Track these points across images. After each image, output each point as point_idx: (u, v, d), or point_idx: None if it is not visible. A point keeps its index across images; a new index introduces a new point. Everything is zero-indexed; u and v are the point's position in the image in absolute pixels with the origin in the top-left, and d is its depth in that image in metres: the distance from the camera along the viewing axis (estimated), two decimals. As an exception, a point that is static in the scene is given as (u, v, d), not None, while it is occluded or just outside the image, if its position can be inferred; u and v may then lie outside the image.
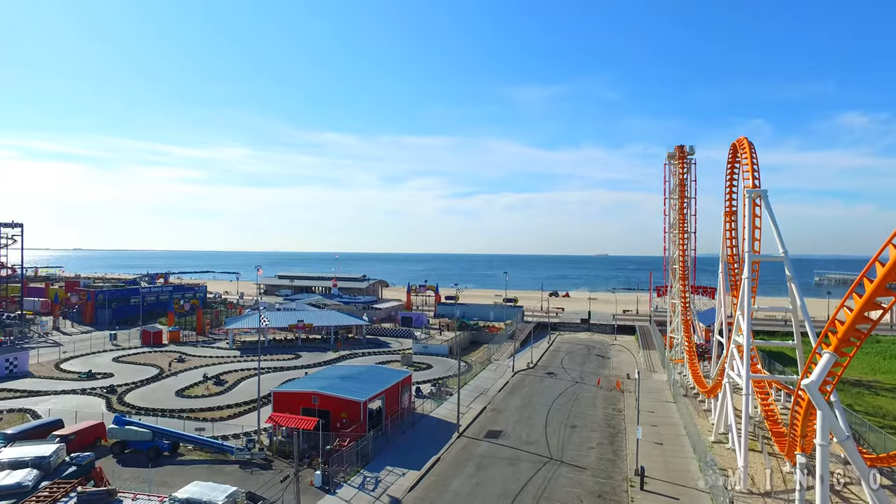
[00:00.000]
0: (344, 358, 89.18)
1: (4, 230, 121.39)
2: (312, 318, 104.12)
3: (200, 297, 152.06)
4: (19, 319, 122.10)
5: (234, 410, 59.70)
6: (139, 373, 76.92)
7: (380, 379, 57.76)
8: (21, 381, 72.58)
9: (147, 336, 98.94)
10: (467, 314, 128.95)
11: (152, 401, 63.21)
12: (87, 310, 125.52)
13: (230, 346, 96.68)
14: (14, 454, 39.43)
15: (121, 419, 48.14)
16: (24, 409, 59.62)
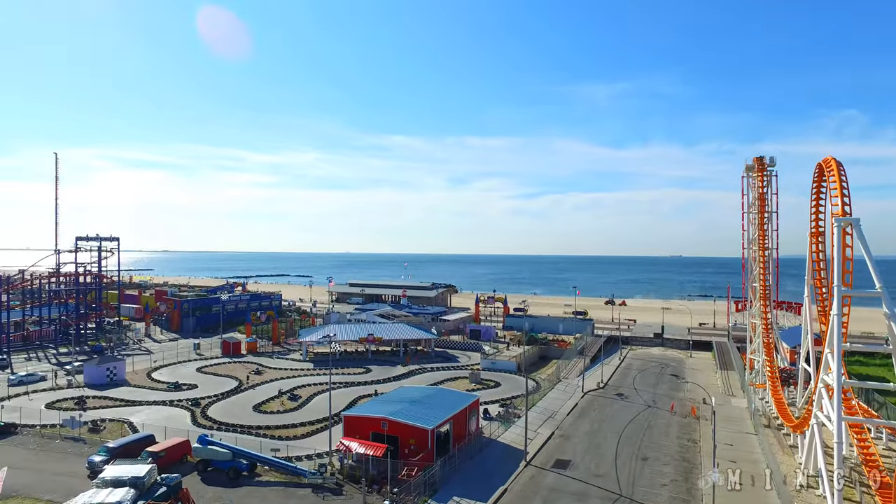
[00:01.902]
0: (413, 373, 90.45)
1: (104, 243, 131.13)
2: (382, 332, 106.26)
3: (276, 305, 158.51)
4: (117, 326, 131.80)
5: (308, 429, 61.75)
6: (220, 385, 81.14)
7: (448, 403, 58.17)
8: (119, 389, 78.39)
9: (227, 346, 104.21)
10: (536, 327, 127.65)
11: (231, 415, 66.49)
12: (174, 318, 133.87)
13: (304, 358, 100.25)
14: (115, 472, 42.71)
15: (204, 439, 50.93)
16: (122, 419, 64.25)
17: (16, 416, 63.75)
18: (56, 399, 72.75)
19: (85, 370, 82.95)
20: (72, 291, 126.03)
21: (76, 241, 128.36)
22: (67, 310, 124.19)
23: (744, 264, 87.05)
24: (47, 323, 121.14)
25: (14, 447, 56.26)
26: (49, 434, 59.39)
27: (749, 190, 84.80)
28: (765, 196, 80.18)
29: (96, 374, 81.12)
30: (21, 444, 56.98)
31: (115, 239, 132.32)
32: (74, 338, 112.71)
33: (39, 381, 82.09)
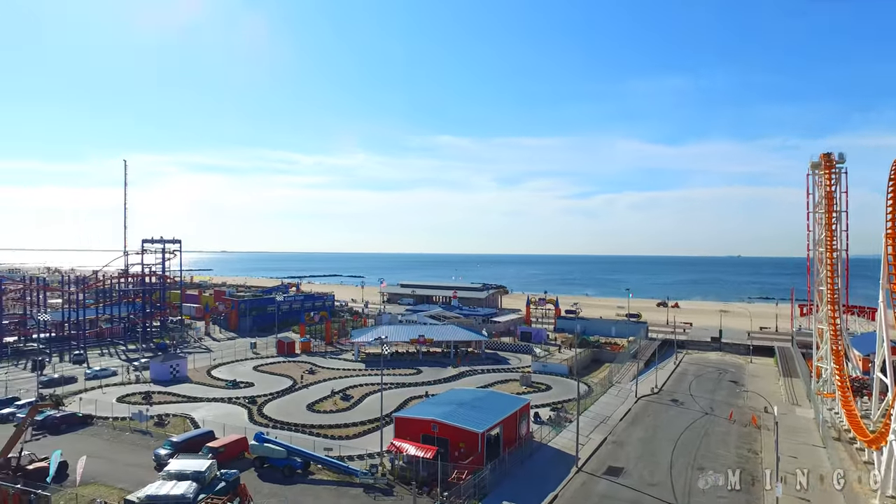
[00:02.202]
0: (463, 375, 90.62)
1: (167, 245, 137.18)
2: (433, 333, 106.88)
3: (329, 306, 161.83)
4: (180, 324, 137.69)
5: (359, 429, 62.77)
6: (275, 383, 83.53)
7: (498, 407, 57.99)
8: (181, 385, 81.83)
9: (282, 346, 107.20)
10: (588, 329, 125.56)
11: (286, 414, 68.33)
12: (232, 317, 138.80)
13: (356, 358, 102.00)
14: (179, 466, 44.79)
15: (261, 437, 52.56)
16: (184, 415, 67.16)
17: (92, 408, 67.72)
18: (126, 393, 76.68)
19: (151, 367, 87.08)
20: (138, 291, 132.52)
21: (142, 243, 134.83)
22: (135, 309, 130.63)
23: (809, 266, 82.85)
24: (117, 321, 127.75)
25: (91, 437, 59.84)
26: (120, 426, 62.70)
27: (815, 188, 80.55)
28: (833, 195, 76.09)
29: (161, 371, 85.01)
30: (96, 435, 60.49)
31: (178, 241, 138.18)
32: (141, 335, 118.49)
33: (111, 376, 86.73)
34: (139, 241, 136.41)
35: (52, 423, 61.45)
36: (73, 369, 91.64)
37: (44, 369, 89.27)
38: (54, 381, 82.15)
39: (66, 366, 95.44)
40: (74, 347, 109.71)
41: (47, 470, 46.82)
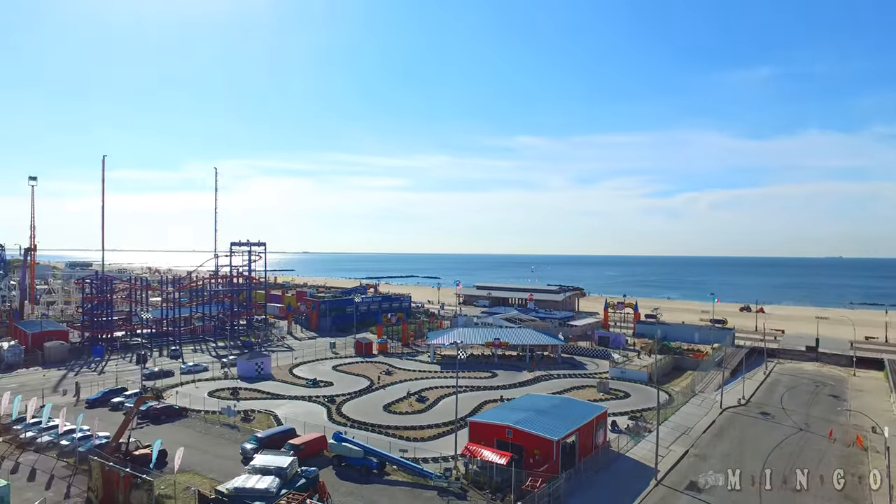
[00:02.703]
0: (539, 380, 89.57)
1: (253, 248, 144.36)
2: (509, 336, 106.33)
3: (405, 307, 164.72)
4: (264, 323, 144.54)
5: (434, 431, 63.41)
6: (353, 383, 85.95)
7: (574, 414, 56.93)
8: (265, 383, 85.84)
9: (360, 346, 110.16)
10: (669, 335, 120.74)
11: (363, 413, 70.12)
12: (313, 317, 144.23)
13: (431, 360, 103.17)
14: (263, 461, 46.97)
15: (339, 436, 54.19)
16: (268, 411, 70.43)
17: (186, 401, 72.56)
18: (216, 388, 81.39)
19: (238, 364, 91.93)
20: (227, 291, 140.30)
21: (231, 246, 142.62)
22: (224, 308, 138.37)
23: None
24: (208, 319, 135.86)
25: (185, 428, 63.93)
26: (211, 419, 66.62)
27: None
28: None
29: (247, 368, 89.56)
30: (190, 427, 64.53)
31: (263, 244, 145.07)
32: (229, 333, 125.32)
33: (203, 372, 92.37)
34: (228, 242, 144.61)
35: (153, 414, 66.28)
36: (170, 364, 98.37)
37: (146, 363, 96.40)
38: (155, 374, 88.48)
39: (164, 360, 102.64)
40: (171, 343, 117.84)
41: (150, 456, 50.64)
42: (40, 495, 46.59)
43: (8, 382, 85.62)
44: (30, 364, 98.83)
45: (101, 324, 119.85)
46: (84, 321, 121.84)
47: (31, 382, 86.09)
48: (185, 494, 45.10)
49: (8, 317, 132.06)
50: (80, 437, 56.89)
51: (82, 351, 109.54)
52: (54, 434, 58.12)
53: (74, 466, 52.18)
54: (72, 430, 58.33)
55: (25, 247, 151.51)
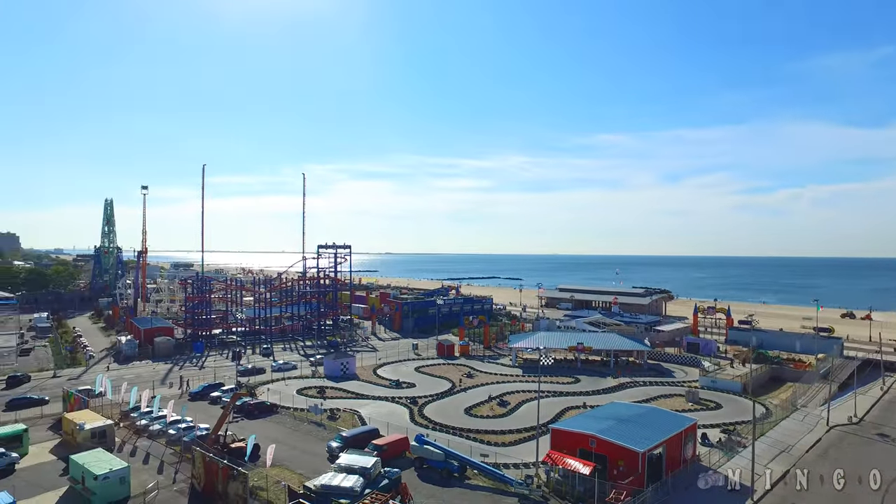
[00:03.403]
0: (623, 386, 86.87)
1: (339, 250, 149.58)
2: (592, 341, 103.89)
3: (487, 309, 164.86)
4: (349, 324, 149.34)
5: (515, 437, 62.99)
6: (435, 385, 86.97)
7: (661, 424, 54.71)
8: (350, 382, 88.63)
9: (441, 348, 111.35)
10: (765, 343, 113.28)
11: (445, 416, 70.78)
12: (396, 319, 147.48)
13: (513, 364, 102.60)
14: (348, 461, 48.63)
15: (421, 439, 55.04)
16: (352, 410, 72.67)
17: (277, 398, 76.17)
18: (304, 386, 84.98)
19: (325, 363, 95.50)
20: (314, 292, 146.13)
21: (318, 248, 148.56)
22: (311, 308, 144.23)
23: None
24: (297, 319, 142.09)
25: (276, 424, 67.10)
26: (299, 417, 69.55)
27: None
28: None
29: (333, 368, 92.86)
30: (280, 423, 67.70)
31: (348, 247, 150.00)
32: (316, 333, 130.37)
33: (292, 370, 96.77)
34: (315, 244, 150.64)
35: (247, 409, 70.14)
36: (262, 361, 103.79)
37: (240, 360, 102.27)
38: (248, 371, 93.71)
39: (256, 358, 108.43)
40: (263, 341, 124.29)
41: (245, 450, 53.78)
42: (153, 478, 50.68)
43: (126, 373, 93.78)
44: (142, 357, 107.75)
45: (201, 322, 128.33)
46: (186, 319, 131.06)
47: (143, 374, 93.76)
48: (276, 488, 47.37)
49: (125, 313, 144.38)
50: (184, 427, 61.39)
51: (185, 346, 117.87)
52: (163, 423, 63.08)
53: (180, 455, 56.30)
54: (177, 421, 63.14)
55: (138, 250, 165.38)
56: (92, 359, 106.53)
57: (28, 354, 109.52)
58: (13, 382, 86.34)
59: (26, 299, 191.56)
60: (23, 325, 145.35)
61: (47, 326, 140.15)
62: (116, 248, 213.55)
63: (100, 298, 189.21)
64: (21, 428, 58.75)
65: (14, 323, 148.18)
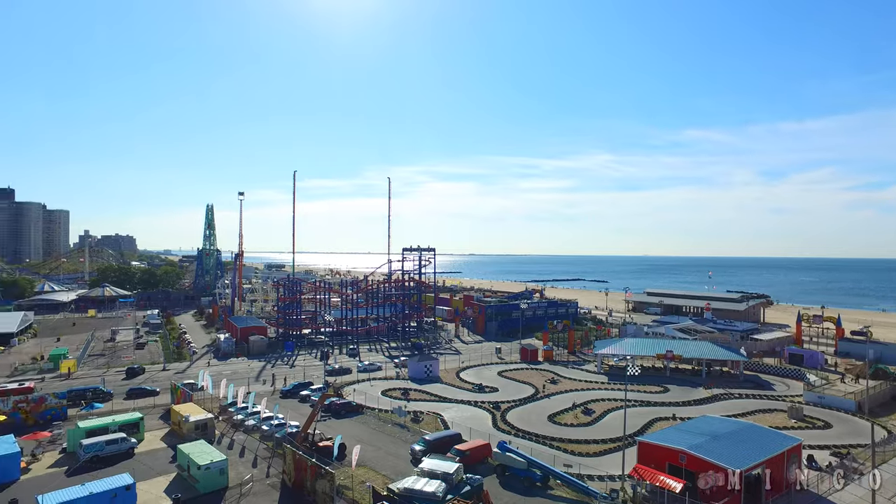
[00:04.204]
0: (716, 398, 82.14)
1: (423, 253, 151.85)
2: (682, 349, 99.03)
3: (571, 313, 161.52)
4: (433, 326, 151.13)
5: (600, 447, 61.12)
6: (518, 391, 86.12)
7: (760, 443, 51.16)
8: (433, 385, 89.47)
9: (525, 353, 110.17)
10: (885, 356, 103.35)
11: (527, 422, 69.89)
12: (479, 321, 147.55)
13: (598, 370, 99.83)
14: (431, 465, 49.12)
15: (503, 446, 54.61)
16: (435, 413, 73.28)
17: (362, 399, 78.26)
18: (388, 388, 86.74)
19: (409, 365, 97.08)
20: (399, 294, 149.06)
21: (402, 251, 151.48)
22: (395, 310, 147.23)
23: None
24: (382, 320, 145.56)
25: (361, 424, 68.97)
26: (383, 418, 71.10)
27: None
28: None
29: (417, 370, 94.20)
30: (365, 423, 69.49)
31: (432, 250, 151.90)
32: (400, 334, 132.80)
33: (377, 371, 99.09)
34: (400, 245, 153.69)
35: (334, 408, 72.61)
36: (348, 362, 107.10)
37: (328, 360, 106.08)
38: (335, 371, 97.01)
39: (343, 358, 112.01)
40: (349, 342, 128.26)
41: (332, 449, 55.66)
42: (248, 471, 53.62)
43: (224, 369, 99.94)
44: (239, 354, 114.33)
45: (292, 322, 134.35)
46: (278, 319, 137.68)
47: (239, 371, 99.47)
48: (361, 488, 48.64)
49: (223, 312, 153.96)
50: (276, 424, 64.43)
51: (277, 345, 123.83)
52: (257, 419, 66.55)
53: (272, 450, 59.14)
54: (270, 417, 66.35)
55: (235, 252, 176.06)
56: (195, 354, 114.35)
57: (143, 348, 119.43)
58: (131, 373, 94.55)
59: (141, 297, 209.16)
60: (138, 321, 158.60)
61: (158, 323, 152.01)
62: (216, 250, 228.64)
63: (202, 297, 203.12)
64: (138, 416, 64.12)
65: (132, 319, 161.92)
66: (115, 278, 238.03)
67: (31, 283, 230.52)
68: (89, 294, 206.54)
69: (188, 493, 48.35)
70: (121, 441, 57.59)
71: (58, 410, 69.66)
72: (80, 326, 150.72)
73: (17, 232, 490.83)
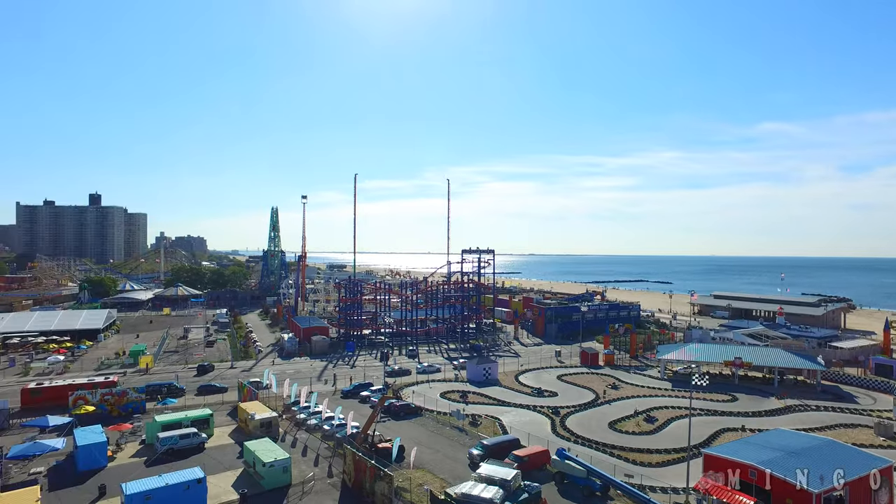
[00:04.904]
0: (790, 410, 77.84)
1: (483, 255, 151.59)
2: (752, 356, 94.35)
3: (634, 316, 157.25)
4: (492, 327, 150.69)
5: (663, 457, 59.10)
6: (578, 396, 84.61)
7: (842, 461, 47.72)
8: (492, 388, 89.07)
9: (585, 356, 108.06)
10: None
11: (587, 429, 68.51)
12: (538, 324, 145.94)
13: (661, 376, 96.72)
14: (488, 471, 48.94)
15: (562, 453, 53.70)
16: (494, 417, 72.93)
17: (421, 401, 78.87)
18: (447, 390, 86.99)
19: (468, 367, 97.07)
20: (458, 296, 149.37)
21: (462, 253, 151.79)
22: (454, 311, 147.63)
23: None
24: (441, 322, 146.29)
25: (419, 426, 69.38)
26: (442, 420, 71.30)
27: None
28: None
29: (476, 372, 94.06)
30: (423, 425, 69.86)
31: (491, 251, 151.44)
32: (459, 336, 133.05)
33: (436, 372, 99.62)
34: (459, 245, 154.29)
35: (393, 410, 73.47)
36: (408, 363, 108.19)
37: (388, 360, 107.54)
38: (395, 372, 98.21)
39: (402, 359, 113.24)
40: (409, 343, 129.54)
41: (391, 450, 56.35)
42: (310, 469, 55.06)
43: (287, 368, 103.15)
44: (301, 353, 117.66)
45: (353, 322, 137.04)
46: (339, 319, 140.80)
47: (302, 370, 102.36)
48: (419, 491, 48.99)
49: (287, 312, 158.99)
50: (337, 424, 65.83)
51: (338, 345, 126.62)
52: (318, 418, 68.21)
53: (333, 450, 60.48)
54: (331, 417, 67.85)
55: (299, 254, 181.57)
56: (260, 353, 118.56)
57: (212, 346, 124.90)
58: (202, 370, 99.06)
59: (210, 297, 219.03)
60: (208, 319, 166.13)
61: (226, 322, 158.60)
62: (280, 251, 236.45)
63: (266, 297, 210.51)
64: (208, 412, 67.07)
65: (202, 318, 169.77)
66: (188, 278, 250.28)
67: (115, 282, 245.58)
68: (164, 293, 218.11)
69: (254, 488, 50.13)
70: (193, 436, 60.48)
71: (137, 404, 73.87)
72: (157, 324, 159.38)
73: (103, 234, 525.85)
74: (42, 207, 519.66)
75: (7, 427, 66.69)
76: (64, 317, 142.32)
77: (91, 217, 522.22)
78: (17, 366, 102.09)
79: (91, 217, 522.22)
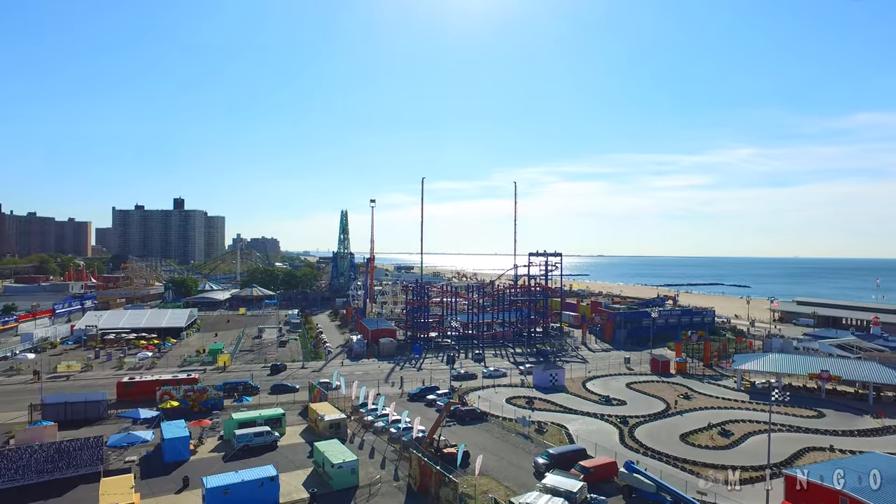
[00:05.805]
0: (888, 430, 72.10)
1: (550, 258, 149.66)
2: (841, 370, 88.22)
3: (708, 323, 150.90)
4: (559, 332, 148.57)
5: (739, 475, 56.22)
6: (648, 405, 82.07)
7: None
8: (558, 395, 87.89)
9: (655, 364, 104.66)
10: None
11: (657, 440, 66.33)
12: (607, 329, 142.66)
13: (738, 387, 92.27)
14: (553, 482, 48.56)
15: (630, 466, 52.30)
16: (560, 425, 71.88)
17: (486, 406, 78.70)
18: (512, 396, 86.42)
19: (534, 373, 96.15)
20: (525, 300, 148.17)
21: (529, 256, 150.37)
22: (521, 315, 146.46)
23: None
24: (507, 326, 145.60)
25: (484, 432, 69.24)
26: (507, 427, 70.90)
27: None
28: None
29: (542, 378, 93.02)
30: (488, 431, 69.70)
31: (558, 254, 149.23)
32: (526, 340, 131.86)
33: (502, 377, 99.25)
34: (526, 247, 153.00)
35: (458, 415, 73.78)
36: (473, 367, 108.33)
37: (454, 364, 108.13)
38: (461, 375, 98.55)
39: (468, 363, 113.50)
40: (475, 347, 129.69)
41: (455, 456, 56.66)
42: (377, 472, 56.21)
43: (356, 369, 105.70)
44: (369, 355, 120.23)
45: (420, 325, 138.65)
46: (406, 321, 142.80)
47: (370, 372, 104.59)
48: (483, 498, 49.00)
49: (356, 314, 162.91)
50: (403, 427, 66.80)
51: (405, 348, 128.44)
52: (385, 421, 69.50)
53: (399, 453, 61.47)
54: (397, 420, 68.95)
55: (367, 256, 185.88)
56: (330, 354, 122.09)
57: (284, 346, 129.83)
58: (275, 370, 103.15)
59: (283, 297, 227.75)
60: (280, 319, 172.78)
61: (297, 322, 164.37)
62: (350, 253, 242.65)
63: (336, 298, 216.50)
64: (281, 412, 69.78)
65: (275, 318, 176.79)
66: (262, 279, 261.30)
67: (196, 282, 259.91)
68: (240, 294, 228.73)
69: (323, 488, 51.72)
70: (266, 434, 63.16)
71: (216, 401, 77.88)
72: (233, 323, 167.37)
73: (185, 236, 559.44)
74: (133, 211, 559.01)
75: (106, 417, 72.43)
76: (152, 315, 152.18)
77: (175, 220, 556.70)
78: (114, 360, 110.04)
79: (175, 220, 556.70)
